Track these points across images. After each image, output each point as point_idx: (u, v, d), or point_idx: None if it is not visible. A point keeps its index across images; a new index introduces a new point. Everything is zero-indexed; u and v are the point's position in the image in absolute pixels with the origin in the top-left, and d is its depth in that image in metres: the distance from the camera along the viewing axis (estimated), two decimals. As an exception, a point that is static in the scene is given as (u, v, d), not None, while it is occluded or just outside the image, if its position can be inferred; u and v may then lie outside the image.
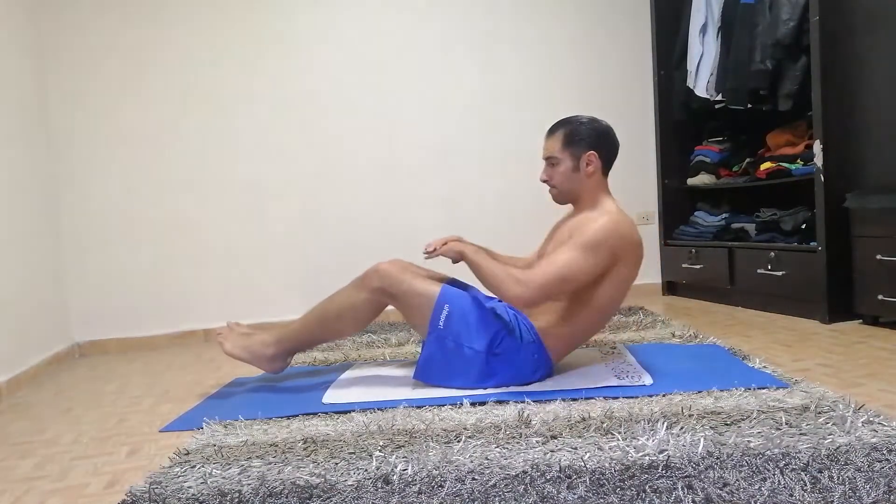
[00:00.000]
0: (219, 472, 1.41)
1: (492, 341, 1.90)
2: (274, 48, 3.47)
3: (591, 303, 1.92)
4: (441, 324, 1.92)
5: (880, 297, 2.49)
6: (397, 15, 3.59)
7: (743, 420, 1.51)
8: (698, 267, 3.48)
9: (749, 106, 3.18)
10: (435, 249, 1.95)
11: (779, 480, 1.18)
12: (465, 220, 3.62)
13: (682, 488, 1.17)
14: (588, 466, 1.30)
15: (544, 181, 2.03)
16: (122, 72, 3.32)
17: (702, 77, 3.45)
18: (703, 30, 3.44)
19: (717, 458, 1.29)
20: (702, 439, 1.39)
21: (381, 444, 1.51)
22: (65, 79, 3.26)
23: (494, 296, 2.02)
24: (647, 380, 1.90)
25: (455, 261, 1.95)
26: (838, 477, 1.17)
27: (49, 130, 3.23)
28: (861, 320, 2.66)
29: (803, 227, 2.92)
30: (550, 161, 2.00)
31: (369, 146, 3.57)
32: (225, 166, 3.43)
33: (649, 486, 1.19)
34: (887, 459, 1.24)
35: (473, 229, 3.56)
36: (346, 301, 2.03)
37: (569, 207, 2.10)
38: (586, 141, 1.96)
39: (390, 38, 3.59)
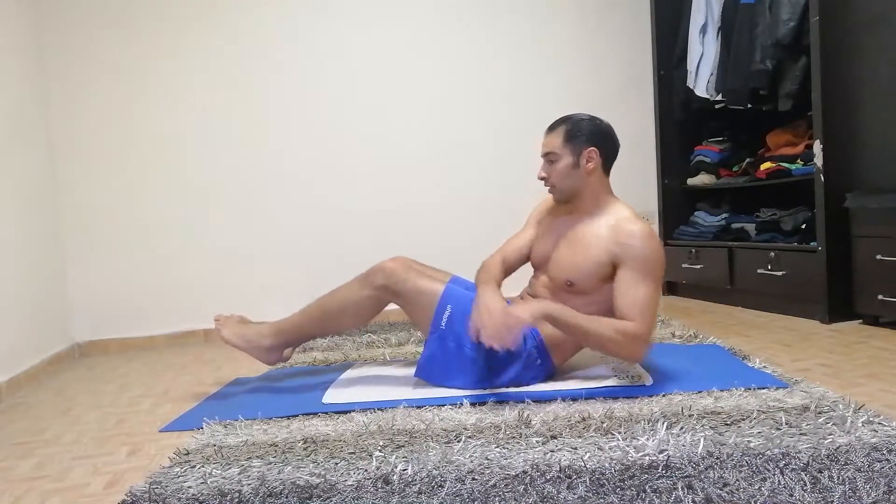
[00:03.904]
0: (219, 472, 1.41)
1: (493, 343, 1.90)
2: (274, 50, 3.47)
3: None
4: (443, 324, 1.92)
5: (880, 297, 2.49)
6: (398, 16, 3.59)
7: (743, 420, 1.51)
8: (698, 267, 3.48)
9: (749, 106, 3.18)
10: (512, 338, 1.75)
11: (779, 480, 1.18)
12: (465, 219, 3.63)
13: (682, 488, 1.17)
14: (588, 466, 1.30)
15: (542, 178, 1.99)
16: (122, 72, 3.32)
17: (702, 77, 3.45)
18: (703, 30, 3.45)
19: (717, 458, 1.29)
20: (702, 439, 1.39)
21: (381, 444, 1.51)
22: (65, 79, 3.26)
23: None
24: (647, 380, 1.90)
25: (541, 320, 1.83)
26: (838, 477, 1.17)
27: (49, 131, 3.23)
28: (861, 320, 2.66)
29: (803, 227, 2.92)
30: (549, 158, 1.96)
31: (370, 146, 3.56)
32: (225, 166, 3.42)
33: (649, 486, 1.19)
34: (887, 459, 1.24)
35: (473, 229, 3.58)
36: (349, 296, 2.03)
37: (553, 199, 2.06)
38: (587, 137, 1.93)
39: (390, 40, 3.59)
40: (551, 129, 1.99)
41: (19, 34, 3.00)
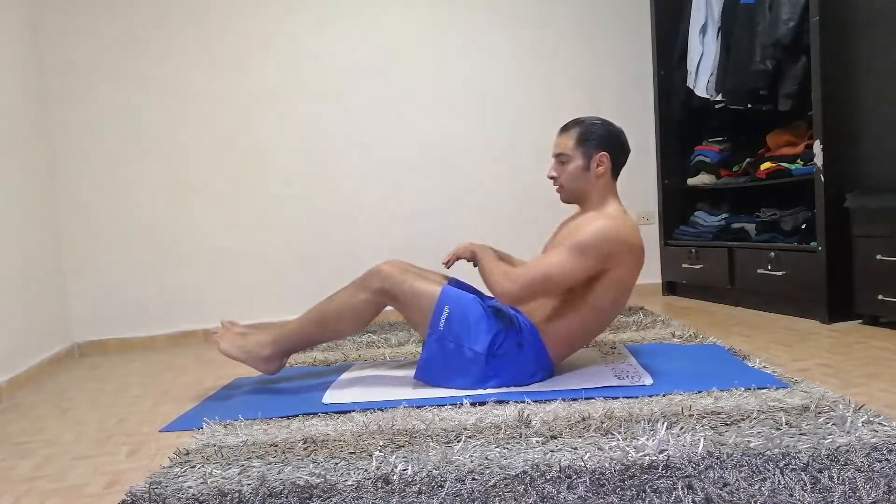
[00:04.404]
0: (219, 472, 1.41)
1: (492, 342, 1.90)
2: (274, 49, 3.47)
3: (590, 304, 1.92)
4: (441, 325, 1.92)
5: (880, 297, 2.49)
6: (397, 15, 3.59)
7: (743, 420, 1.51)
8: (698, 267, 3.48)
9: (749, 106, 3.18)
10: (450, 260, 2.02)
11: (779, 480, 1.18)
12: (466, 219, 3.63)
13: (682, 488, 1.17)
14: (588, 466, 1.30)
15: (552, 178, 2.02)
16: (122, 73, 3.32)
17: (702, 77, 3.45)
18: (703, 30, 3.45)
19: (717, 458, 1.29)
20: (702, 439, 1.39)
21: (381, 444, 1.51)
22: (65, 80, 3.26)
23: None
24: (647, 380, 1.90)
25: (469, 259, 2.02)
26: (838, 477, 1.17)
27: (49, 131, 3.23)
28: (861, 320, 2.66)
29: (803, 227, 2.92)
30: (560, 158, 1.99)
31: (370, 146, 3.57)
32: (225, 167, 3.43)
33: (649, 486, 1.19)
34: (887, 459, 1.24)
35: (474, 229, 3.58)
36: (346, 302, 2.02)
37: (575, 207, 2.09)
38: (599, 141, 1.96)
39: (390, 39, 3.59)
40: (564, 129, 2.01)
41: (19, 34, 3.00)
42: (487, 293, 2.13)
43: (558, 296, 1.94)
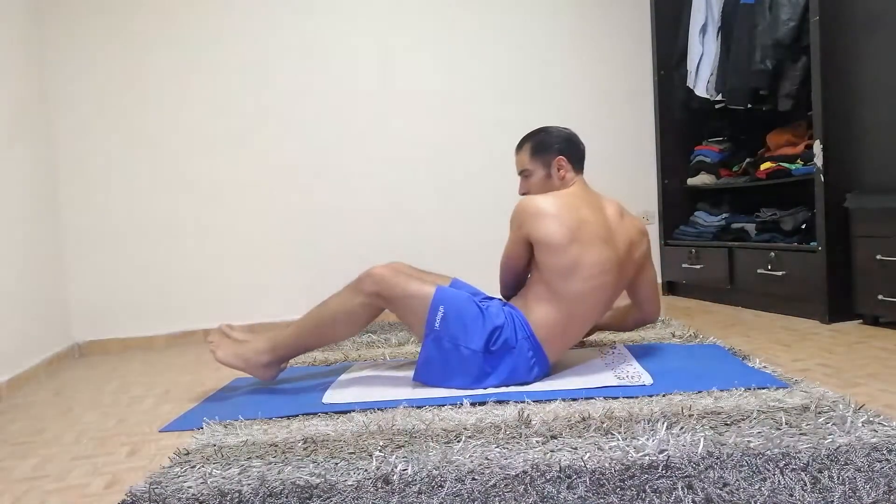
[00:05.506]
0: (219, 472, 1.41)
1: (488, 340, 1.91)
2: (272, 49, 3.47)
3: (547, 281, 1.94)
4: (437, 325, 1.92)
5: (880, 297, 2.49)
6: (396, 13, 3.59)
7: (743, 420, 1.51)
8: (698, 267, 3.48)
9: (749, 106, 3.18)
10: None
11: (779, 480, 1.18)
12: (467, 220, 3.63)
13: (682, 488, 1.17)
14: (588, 466, 1.30)
15: (524, 194, 2.10)
16: (123, 70, 3.32)
17: (702, 77, 3.45)
18: (703, 30, 3.45)
19: (717, 458, 1.29)
20: (702, 439, 1.39)
21: (381, 444, 1.51)
22: (66, 79, 3.26)
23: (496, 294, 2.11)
24: (647, 380, 1.90)
25: None
26: (838, 477, 1.17)
27: (49, 130, 3.23)
28: (861, 320, 2.66)
29: (803, 227, 2.92)
30: (524, 174, 2.11)
31: (369, 146, 3.57)
32: (225, 166, 3.43)
33: (649, 486, 1.19)
34: (887, 459, 1.24)
35: (476, 230, 3.58)
36: (341, 306, 2.02)
37: None
38: (554, 147, 2.06)
39: (389, 37, 3.59)
40: (518, 147, 2.13)
41: (19, 33, 3.00)
42: (488, 293, 2.14)
43: (531, 284, 2.02)
